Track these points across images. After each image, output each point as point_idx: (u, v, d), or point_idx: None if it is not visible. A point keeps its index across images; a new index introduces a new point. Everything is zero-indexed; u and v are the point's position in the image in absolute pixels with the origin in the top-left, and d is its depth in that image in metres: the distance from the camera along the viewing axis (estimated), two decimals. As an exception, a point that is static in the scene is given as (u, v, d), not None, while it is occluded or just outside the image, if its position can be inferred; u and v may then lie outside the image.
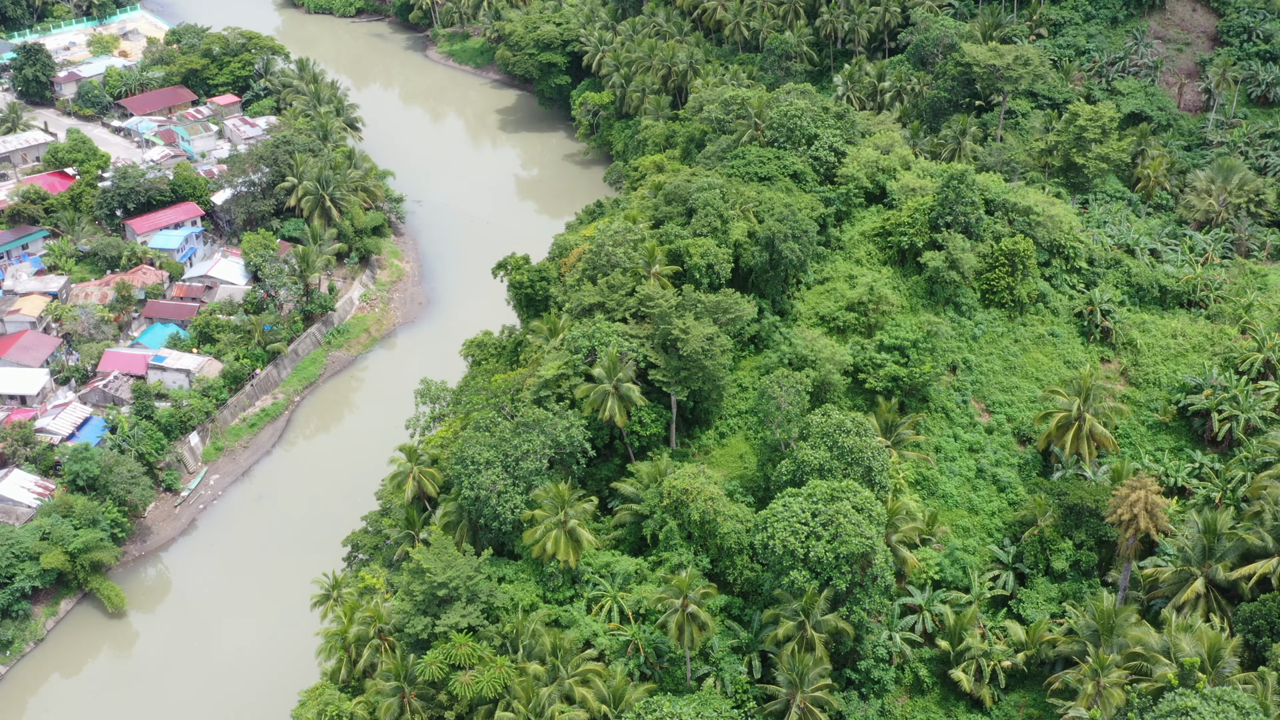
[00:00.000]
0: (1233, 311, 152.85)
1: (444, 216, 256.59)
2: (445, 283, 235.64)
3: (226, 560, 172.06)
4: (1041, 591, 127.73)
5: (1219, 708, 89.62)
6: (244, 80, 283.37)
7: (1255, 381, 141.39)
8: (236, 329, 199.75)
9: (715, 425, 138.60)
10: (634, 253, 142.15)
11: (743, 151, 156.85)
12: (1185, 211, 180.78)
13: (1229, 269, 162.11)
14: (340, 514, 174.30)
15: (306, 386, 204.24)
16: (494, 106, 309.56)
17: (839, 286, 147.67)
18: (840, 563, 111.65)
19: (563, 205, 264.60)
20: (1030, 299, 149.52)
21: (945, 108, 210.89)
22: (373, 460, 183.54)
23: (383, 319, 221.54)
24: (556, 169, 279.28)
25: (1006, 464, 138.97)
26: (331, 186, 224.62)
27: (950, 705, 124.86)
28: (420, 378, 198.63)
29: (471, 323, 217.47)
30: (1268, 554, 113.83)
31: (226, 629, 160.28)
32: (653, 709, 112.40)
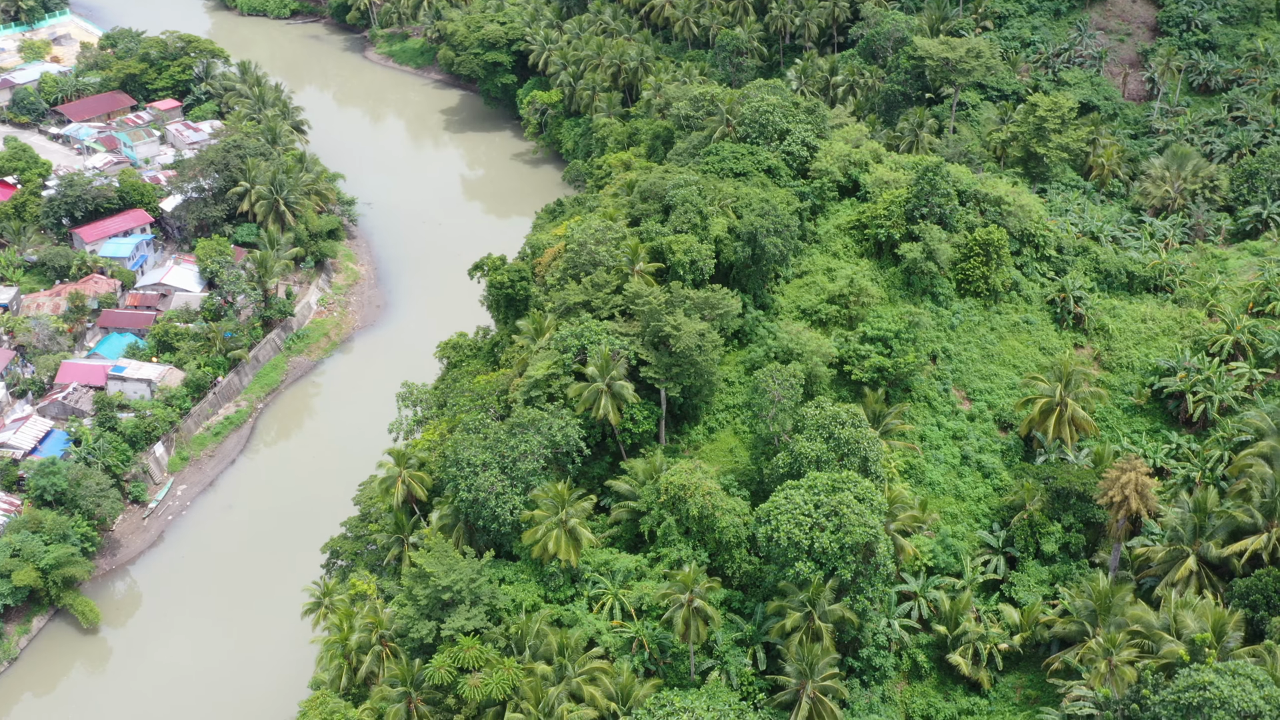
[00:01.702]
0: (1199, 295, 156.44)
1: (396, 218, 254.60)
2: (402, 285, 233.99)
3: (198, 572, 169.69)
4: (1032, 574, 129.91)
5: (1235, 681, 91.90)
6: (184, 85, 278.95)
7: (1226, 363, 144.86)
8: (196, 337, 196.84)
9: (703, 420, 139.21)
10: (616, 251, 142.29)
11: (716, 148, 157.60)
12: (1141, 198, 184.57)
13: (1191, 253, 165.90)
14: (312, 521, 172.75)
15: (269, 393, 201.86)
16: (438, 107, 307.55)
17: (818, 280, 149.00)
18: (845, 553, 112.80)
19: (514, 205, 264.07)
20: (1004, 288, 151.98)
21: (899, 101, 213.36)
22: (342, 466, 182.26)
23: (342, 323, 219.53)
24: (505, 168, 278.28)
25: (990, 450, 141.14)
26: (285, 190, 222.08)
27: (948, 689, 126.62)
28: (388, 381, 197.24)
29: (431, 325, 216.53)
30: (1257, 530, 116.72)
31: (202, 642, 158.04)
32: (663, 704, 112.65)
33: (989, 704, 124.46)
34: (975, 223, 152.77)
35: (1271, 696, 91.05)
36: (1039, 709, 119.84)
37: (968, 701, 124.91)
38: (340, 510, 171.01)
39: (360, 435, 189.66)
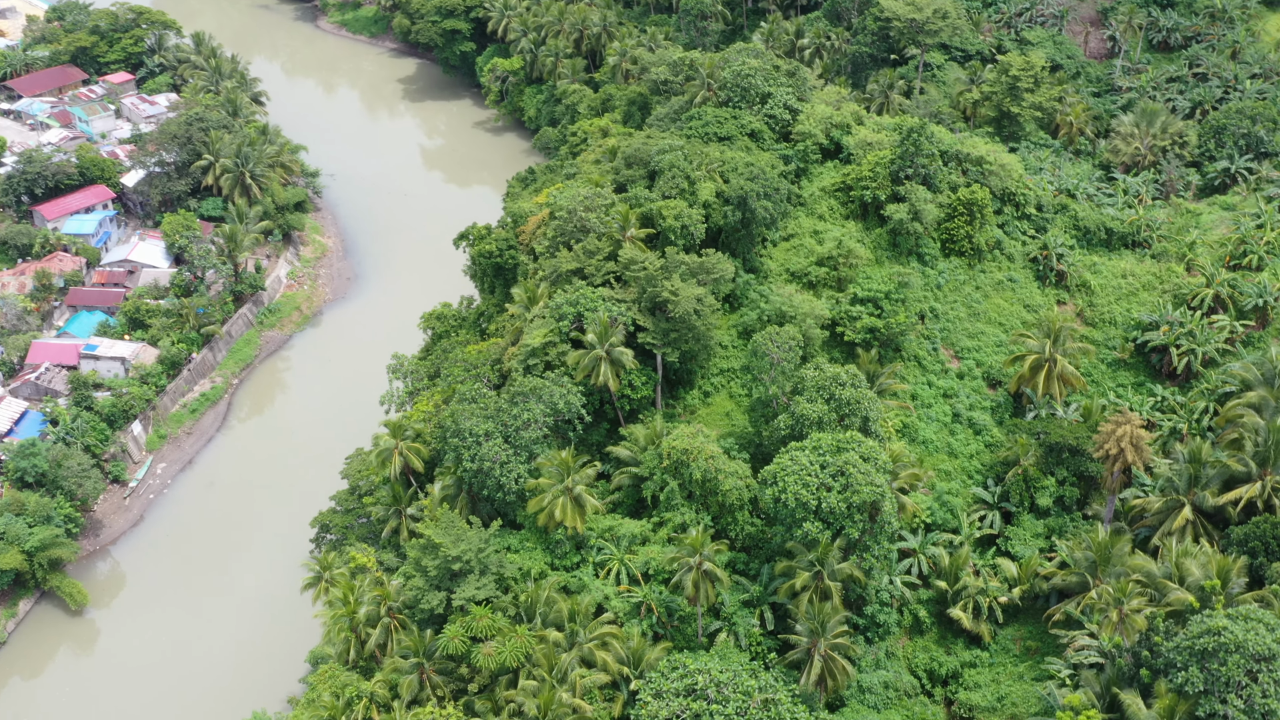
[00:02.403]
0: (1176, 250, 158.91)
1: (359, 189, 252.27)
2: (370, 256, 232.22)
3: (183, 550, 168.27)
4: (1028, 528, 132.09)
5: (1247, 626, 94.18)
6: (137, 57, 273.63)
7: (1207, 316, 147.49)
8: (168, 313, 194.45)
9: (699, 385, 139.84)
10: (606, 217, 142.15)
11: (699, 112, 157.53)
12: (1111, 156, 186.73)
13: (1165, 209, 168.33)
14: (295, 496, 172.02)
15: (244, 368, 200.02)
16: (394, 76, 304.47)
17: (806, 242, 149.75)
18: (852, 512, 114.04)
19: (478, 173, 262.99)
20: (988, 246, 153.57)
21: (866, 63, 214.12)
22: (322, 439, 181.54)
23: (313, 296, 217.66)
24: (467, 137, 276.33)
25: (980, 408, 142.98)
26: (251, 163, 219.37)
27: (949, 643, 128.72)
28: (363, 354, 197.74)
29: (403, 296, 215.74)
30: (1250, 479, 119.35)
31: (191, 621, 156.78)
32: (675, 667, 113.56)
33: (990, 656, 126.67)
34: (958, 183, 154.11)
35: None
36: (1041, 659, 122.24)
37: (969, 654, 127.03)
38: (324, 484, 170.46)
39: (339, 408, 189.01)
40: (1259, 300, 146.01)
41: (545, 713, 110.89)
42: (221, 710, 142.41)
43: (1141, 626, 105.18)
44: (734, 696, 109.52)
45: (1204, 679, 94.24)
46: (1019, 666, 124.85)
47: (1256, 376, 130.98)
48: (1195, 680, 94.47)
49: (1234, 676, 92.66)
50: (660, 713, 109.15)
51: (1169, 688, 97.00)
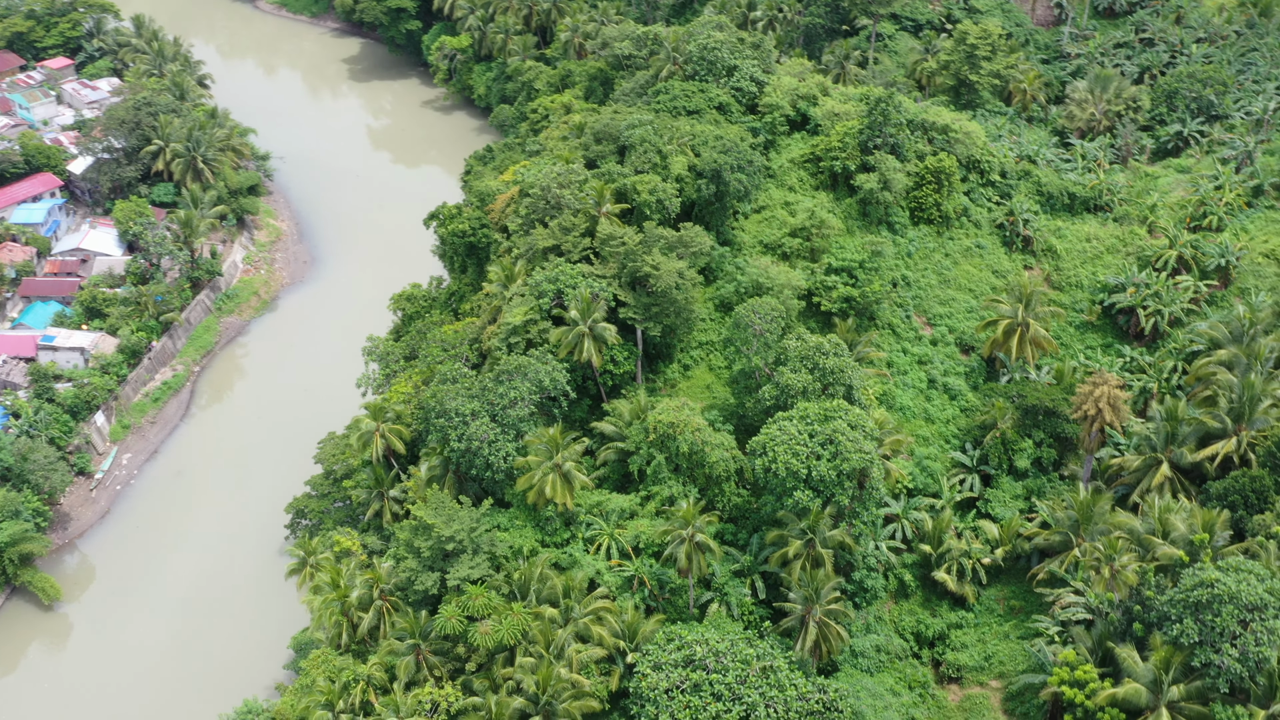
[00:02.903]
0: (1138, 213, 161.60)
1: (310, 172, 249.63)
2: (325, 239, 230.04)
3: (154, 541, 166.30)
4: (1007, 490, 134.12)
5: (1239, 577, 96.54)
6: (75, 41, 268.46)
7: (1172, 276, 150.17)
8: (126, 301, 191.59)
9: (678, 359, 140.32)
10: (580, 193, 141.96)
11: (666, 86, 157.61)
12: (1066, 122, 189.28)
13: (1124, 173, 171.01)
14: (265, 482, 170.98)
15: (204, 355, 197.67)
16: (339, 56, 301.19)
17: (778, 214, 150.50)
18: (842, 479, 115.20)
19: (429, 153, 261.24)
20: (955, 214, 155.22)
21: (819, 34, 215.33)
22: (289, 424, 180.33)
23: (270, 280, 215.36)
24: (416, 117, 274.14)
25: (954, 373, 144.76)
26: (203, 147, 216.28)
27: (934, 605, 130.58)
28: (325, 337, 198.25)
29: (362, 278, 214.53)
30: (1226, 434, 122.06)
31: (165, 613, 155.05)
32: (672, 638, 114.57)
33: (975, 617, 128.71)
34: (924, 151, 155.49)
35: (1274, 589, 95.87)
36: (1026, 618, 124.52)
37: (954, 616, 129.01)
38: (294, 470, 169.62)
39: (304, 393, 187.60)
40: (1221, 260, 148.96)
41: (544, 688, 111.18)
42: (205, 700, 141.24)
43: (1132, 582, 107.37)
44: (733, 665, 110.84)
45: (1199, 630, 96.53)
46: (1004, 626, 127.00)
47: (1225, 335, 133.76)
48: (1190, 632, 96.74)
49: (1228, 627, 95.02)
50: (661, 684, 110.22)
51: (1164, 640, 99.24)
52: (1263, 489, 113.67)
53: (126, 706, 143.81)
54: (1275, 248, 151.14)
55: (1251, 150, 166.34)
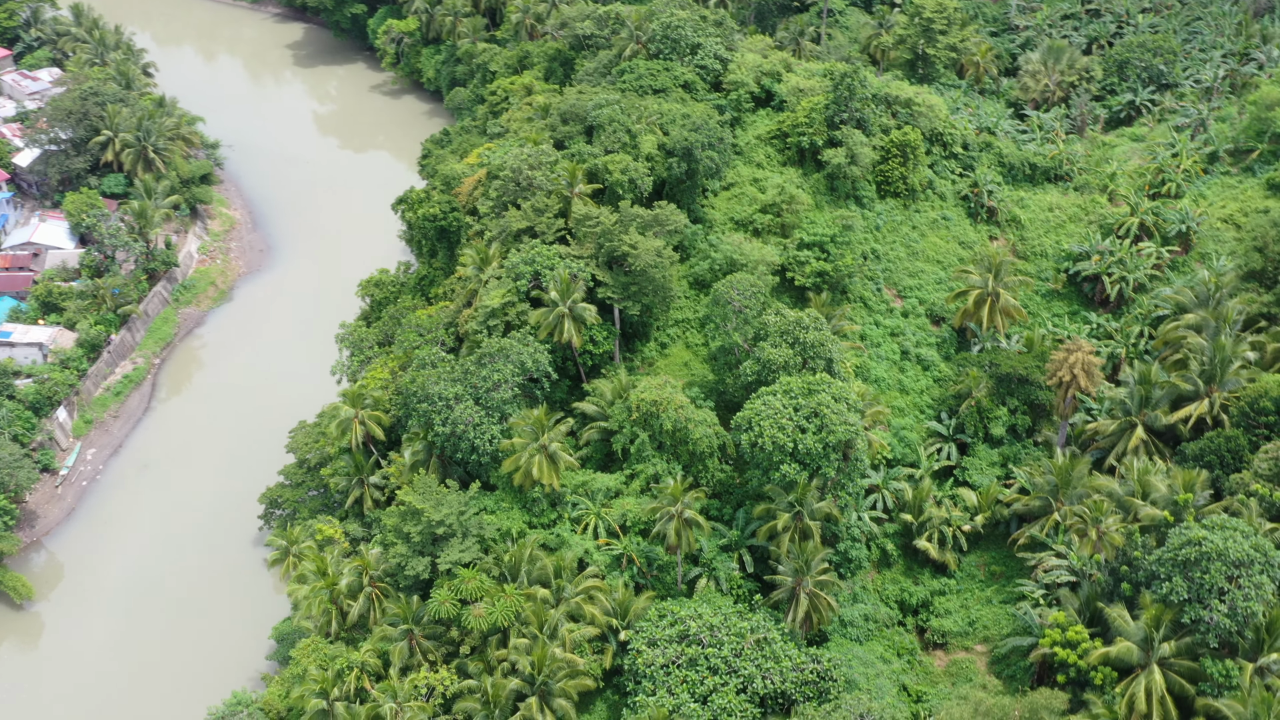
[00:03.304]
0: (1098, 182, 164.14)
1: (260, 159, 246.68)
2: (280, 227, 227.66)
3: (123, 536, 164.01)
4: (984, 457, 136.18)
5: (1225, 534, 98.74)
6: (12, 31, 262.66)
7: (1135, 243, 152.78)
8: (82, 295, 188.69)
9: (654, 337, 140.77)
10: (552, 175, 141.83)
11: (631, 65, 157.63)
12: (1020, 93, 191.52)
13: (1082, 142, 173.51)
14: (233, 473, 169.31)
15: (164, 347, 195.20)
16: (283, 41, 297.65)
17: (747, 190, 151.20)
18: (828, 451, 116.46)
19: (379, 138, 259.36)
20: (921, 187, 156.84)
21: (771, 10, 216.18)
22: (254, 414, 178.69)
23: (227, 270, 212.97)
24: (364, 101, 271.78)
25: (926, 344, 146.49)
26: (153, 137, 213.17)
27: (916, 573, 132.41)
28: (285, 325, 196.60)
29: (320, 265, 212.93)
30: (1198, 396, 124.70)
31: (139, 609, 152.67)
32: (664, 614, 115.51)
33: (957, 583, 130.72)
34: (889, 125, 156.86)
35: (1259, 545, 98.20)
36: (1009, 582, 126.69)
37: (937, 583, 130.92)
38: (262, 460, 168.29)
39: (267, 382, 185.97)
40: (1181, 226, 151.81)
41: (540, 668, 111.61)
42: (188, 694, 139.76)
43: (1119, 543, 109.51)
44: (727, 639, 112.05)
45: (1188, 587, 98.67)
46: (986, 591, 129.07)
47: (1191, 299, 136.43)
48: (1179, 589, 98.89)
49: (1216, 583, 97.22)
50: (657, 660, 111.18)
51: (1154, 598, 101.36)
52: (1238, 448, 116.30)
53: (107, 705, 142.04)
54: (1233, 213, 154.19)
55: (1205, 118, 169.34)
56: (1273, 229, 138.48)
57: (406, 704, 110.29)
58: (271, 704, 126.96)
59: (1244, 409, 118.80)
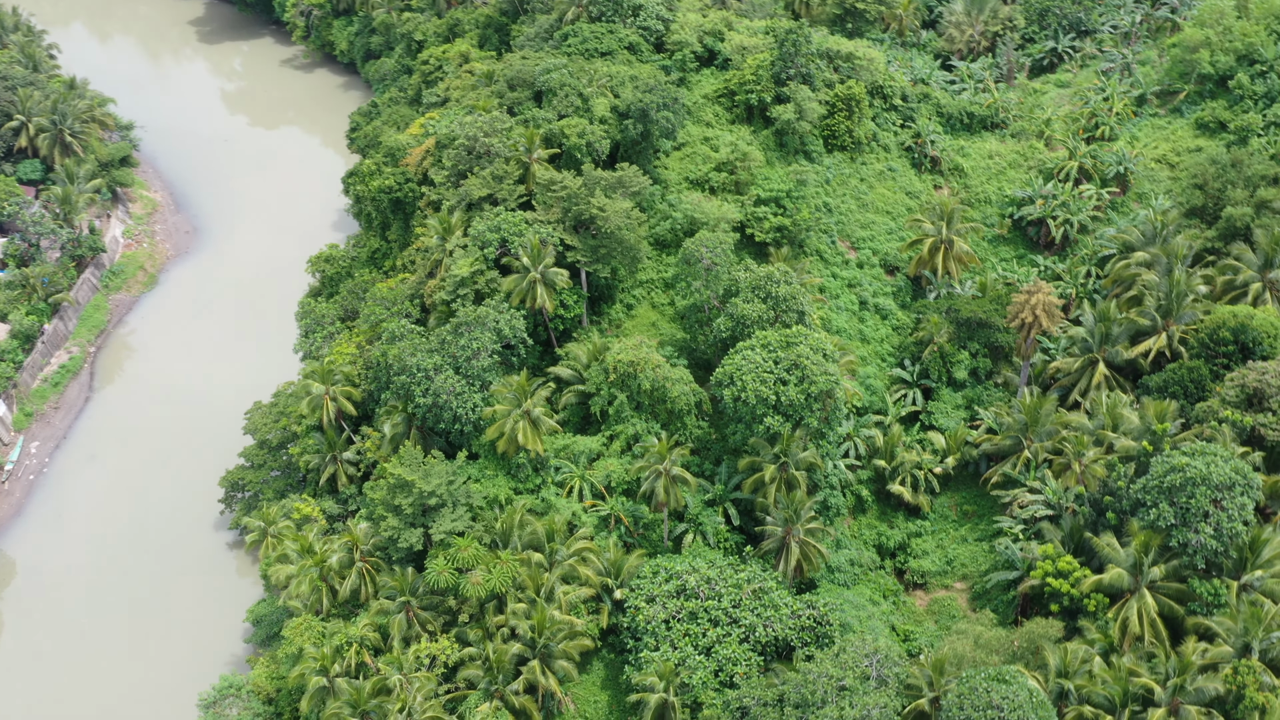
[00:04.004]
0: (1034, 128, 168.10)
1: (173, 139, 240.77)
2: (205, 208, 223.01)
3: (77, 529, 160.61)
4: (948, 401, 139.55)
5: (1207, 459, 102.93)
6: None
7: (1076, 186, 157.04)
8: (11, 285, 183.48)
9: (619, 299, 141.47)
10: (509, 141, 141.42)
11: (576, 29, 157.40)
12: (946, 45, 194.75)
13: (1014, 90, 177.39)
14: (184, 458, 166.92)
15: (99, 335, 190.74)
16: (183, 19, 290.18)
17: (699, 149, 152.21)
18: (810, 402, 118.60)
19: (294, 113, 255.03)
20: (866, 139, 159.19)
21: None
22: (197, 397, 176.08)
23: (154, 254, 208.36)
24: (275, 76, 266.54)
25: (883, 294, 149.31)
26: (69, 120, 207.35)
27: (890, 517, 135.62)
28: (221, 306, 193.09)
29: (249, 244, 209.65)
30: (1156, 330, 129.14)
31: (102, 603, 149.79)
32: (658, 570, 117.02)
33: (931, 525, 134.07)
34: (832, 79, 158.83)
35: (1239, 468, 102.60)
36: (981, 520, 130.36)
37: (912, 525, 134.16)
38: (212, 442, 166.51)
39: (207, 364, 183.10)
40: (1119, 168, 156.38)
41: (540, 631, 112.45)
42: (164, 684, 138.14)
43: (1101, 475, 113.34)
44: (726, 591, 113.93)
45: (1174, 513, 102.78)
46: (959, 530, 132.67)
47: (1138, 238, 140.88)
48: (1166, 515, 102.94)
49: (1201, 506, 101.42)
50: (658, 615, 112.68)
51: (1141, 525, 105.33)
52: (1200, 378, 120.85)
53: (82, 700, 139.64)
54: (1165, 153, 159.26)
55: (1130, 62, 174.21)
56: (1211, 166, 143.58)
57: (412, 675, 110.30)
58: (260, 685, 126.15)
59: (1204, 340, 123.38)
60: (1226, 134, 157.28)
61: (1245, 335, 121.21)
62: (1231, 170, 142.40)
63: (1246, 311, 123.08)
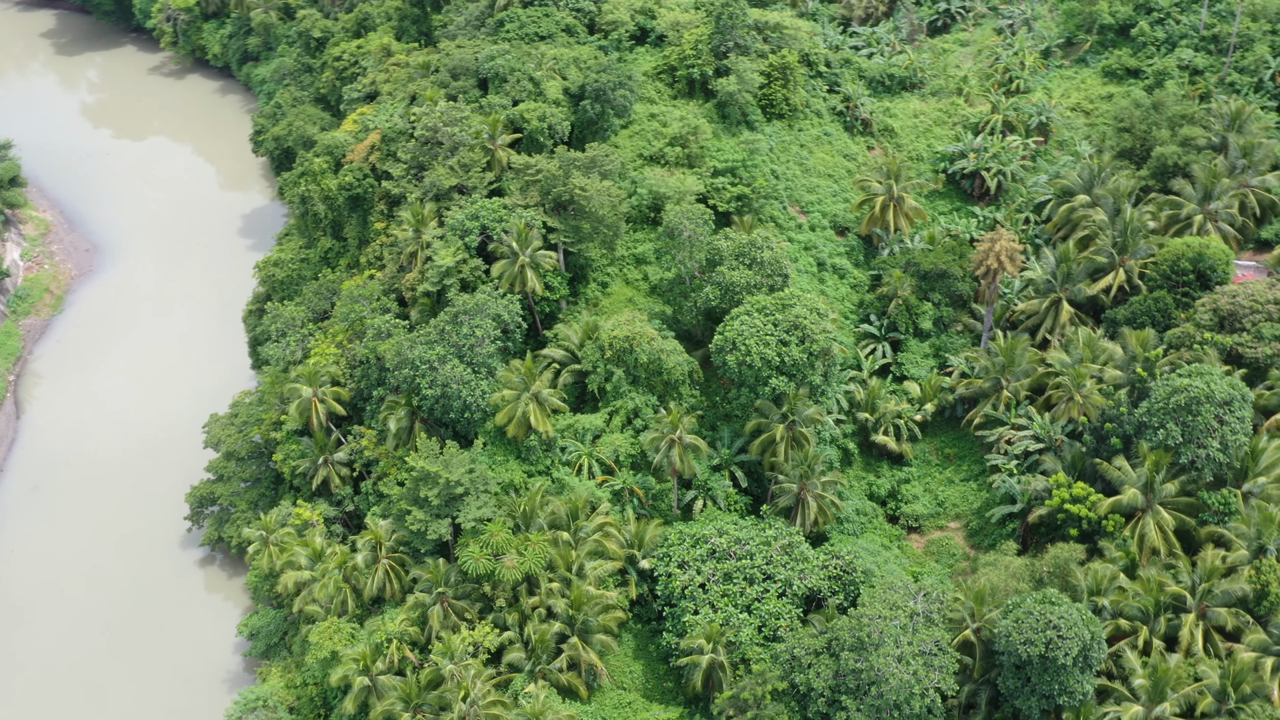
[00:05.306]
0: (951, 85, 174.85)
1: (51, 157, 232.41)
2: (99, 224, 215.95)
3: (33, 565, 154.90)
4: (917, 351, 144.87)
5: (1206, 379, 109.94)
6: None
7: (1003, 138, 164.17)
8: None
9: (592, 278, 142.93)
10: (469, 130, 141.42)
11: (513, 15, 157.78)
12: (846, 11, 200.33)
13: (924, 51, 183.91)
14: (129, 480, 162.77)
15: (15, 361, 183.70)
16: (33, 31, 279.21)
17: (647, 126, 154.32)
18: (813, 360, 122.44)
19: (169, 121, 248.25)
20: (801, 106, 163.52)
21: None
22: (131, 417, 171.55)
23: (58, 275, 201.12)
24: (145, 85, 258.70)
25: (837, 255, 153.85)
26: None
27: (875, 467, 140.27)
28: (140, 321, 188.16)
29: (156, 256, 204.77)
30: (1113, 267, 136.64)
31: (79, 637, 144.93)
32: (683, 537, 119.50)
33: (916, 470, 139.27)
34: (765, 50, 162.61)
35: (1234, 384, 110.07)
36: (970, 459, 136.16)
37: (900, 473, 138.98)
38: (160, 459, 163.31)
39: (133, 382, 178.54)
40: (1040, 118, 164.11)
41: (578, 607, 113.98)
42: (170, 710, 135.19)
43: (1101, 403, 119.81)
44: (757, 549, 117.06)
45: (1181, 431, 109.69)
46: (945, 473, 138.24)
47: (1077, 182, 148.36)
48: (1174, 434, 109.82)
49: (1208, 422, 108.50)
50: (695, 580, 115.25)
51: (1150, 446, 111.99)
52: (1166, 307, 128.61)
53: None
54: (1079, 101, 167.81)
55: (1029, 18, 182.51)
56: (1136, 109, 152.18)
57: (463, 664, 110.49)
58: (281, 695, 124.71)
59: (1164, 272, 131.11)
60: (1134, 80, 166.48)
61: (1203, 263, 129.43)
62: (1154, 112, 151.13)
63: (1200, 242, 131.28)
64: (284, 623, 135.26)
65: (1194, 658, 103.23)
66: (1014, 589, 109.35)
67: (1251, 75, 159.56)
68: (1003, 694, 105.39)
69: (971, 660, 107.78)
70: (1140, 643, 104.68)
